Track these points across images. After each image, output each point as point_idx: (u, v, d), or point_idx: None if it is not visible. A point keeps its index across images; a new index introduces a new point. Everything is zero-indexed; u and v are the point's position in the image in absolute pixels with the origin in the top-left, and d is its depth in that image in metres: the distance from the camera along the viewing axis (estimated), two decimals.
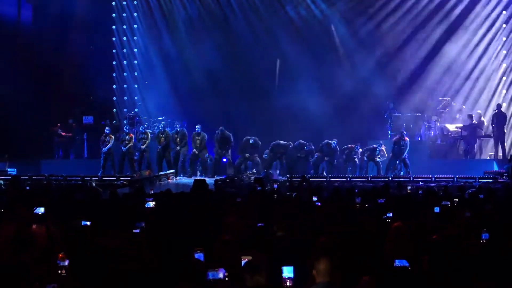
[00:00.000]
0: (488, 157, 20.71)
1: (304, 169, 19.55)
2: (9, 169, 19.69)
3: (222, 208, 9.34)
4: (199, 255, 5.85)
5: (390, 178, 17.45)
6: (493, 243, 6.67)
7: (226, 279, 5.19)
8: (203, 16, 23.31)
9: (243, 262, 5.37)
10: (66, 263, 5.57)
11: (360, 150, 19.84)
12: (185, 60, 23.18)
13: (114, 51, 23.70)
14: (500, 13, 22.07)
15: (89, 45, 23.09)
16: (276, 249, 6.38)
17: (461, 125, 20.38)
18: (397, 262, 5.54)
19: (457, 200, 10.63)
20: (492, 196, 10.98)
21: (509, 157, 18.63)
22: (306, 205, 9.98)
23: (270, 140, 19.94)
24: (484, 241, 6.88)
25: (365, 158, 19.54)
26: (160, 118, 22.62)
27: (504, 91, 21.96)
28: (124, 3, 23.57)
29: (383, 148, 19.48)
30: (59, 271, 5.56)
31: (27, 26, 23.40)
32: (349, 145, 19.90)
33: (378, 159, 19.31)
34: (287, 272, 5.18)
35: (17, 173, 18.86)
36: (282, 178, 17.86)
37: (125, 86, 23.81)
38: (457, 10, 22.08)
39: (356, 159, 19.85)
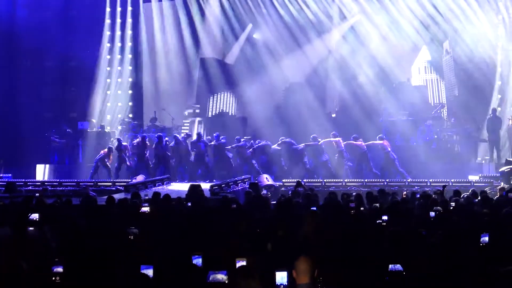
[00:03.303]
0: (483, 161, 20.73)
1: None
2: (4, 175, 19.59)
3: (217, 213, 9.32)
4: (197, 259, 5.84)
5: (385, 183, 17.43)
6: (492, 246, 6.67)
7: (226, 282, 5.17)
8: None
9: (237, 266, 5.36)
10: (61, 269, 5.54)
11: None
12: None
13: (108, 57, 23.64)
14: None
15: (85, 50, 23.03)
16: (272, 254, 6.36)
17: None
18: (392, 267, 5.54)
19: (453, 204, 10.64)
20: (487, 200, 10.98)
21: (504, 161, 18.66)
22: (302, 210, 9.94)
23: None
24: (483, 244, 6.87)
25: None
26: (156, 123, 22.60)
27: (499, 96, 21.94)
28: (119, 9, 23.54)
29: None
30: (54, 278, 5.53)
31: (22, 29, 23.30)
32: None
33: None
34: (281, 278, 5.07)
35: (12, 178, 18.76)
36: (277, 183, 17.76)
37: (119, 92, 23.76)
38: None
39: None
